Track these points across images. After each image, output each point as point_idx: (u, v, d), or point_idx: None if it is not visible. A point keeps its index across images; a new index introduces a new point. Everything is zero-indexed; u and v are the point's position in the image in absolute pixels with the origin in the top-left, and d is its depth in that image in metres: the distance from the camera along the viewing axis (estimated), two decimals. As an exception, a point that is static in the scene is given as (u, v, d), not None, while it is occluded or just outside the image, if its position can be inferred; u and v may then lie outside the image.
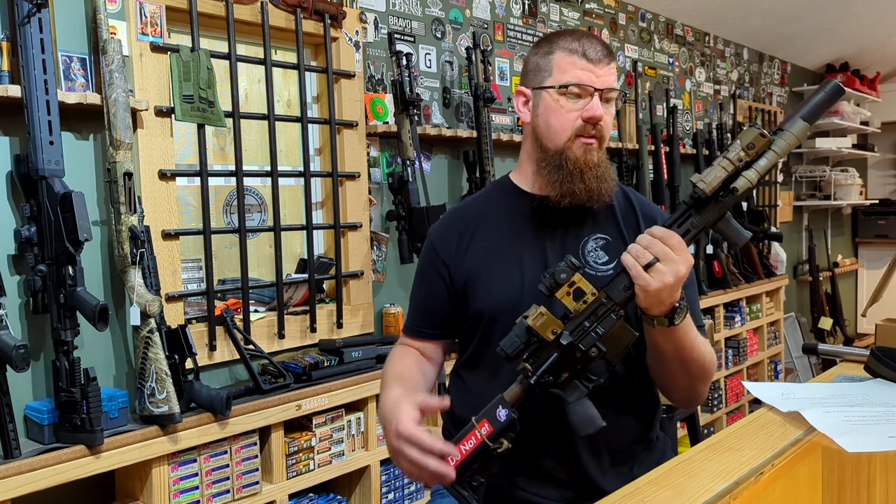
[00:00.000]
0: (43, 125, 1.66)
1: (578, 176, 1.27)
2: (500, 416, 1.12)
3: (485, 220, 1.38)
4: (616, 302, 1.12)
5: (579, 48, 1.27)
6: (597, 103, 1.26)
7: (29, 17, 1.64)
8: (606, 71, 1.27)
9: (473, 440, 1.12)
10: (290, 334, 2.30)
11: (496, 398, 1.14)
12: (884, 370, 1.39)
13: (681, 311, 1.13)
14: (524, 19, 3.21)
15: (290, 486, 2.09)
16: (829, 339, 5.35)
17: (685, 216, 1.13)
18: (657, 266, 1.08)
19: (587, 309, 1.12)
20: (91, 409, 1.65)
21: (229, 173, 2.21)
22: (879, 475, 1.06)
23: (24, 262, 1.71)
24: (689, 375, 1.23)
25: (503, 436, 1.12)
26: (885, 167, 6.49)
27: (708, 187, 1.10)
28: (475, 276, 1.32)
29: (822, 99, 1.12)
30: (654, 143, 3.77)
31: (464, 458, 1.12)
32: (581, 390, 1.13)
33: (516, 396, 1.14)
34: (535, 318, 1.11)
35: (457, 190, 2.88)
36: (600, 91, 1.26)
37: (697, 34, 4.43)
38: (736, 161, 1.09)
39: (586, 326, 1.12)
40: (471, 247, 1.35)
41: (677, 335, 1.16)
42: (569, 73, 1.27)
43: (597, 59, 1.27)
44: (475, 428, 1.13)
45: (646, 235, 1.11)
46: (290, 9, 2.29)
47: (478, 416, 1.14)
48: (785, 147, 1.09)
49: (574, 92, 1.26)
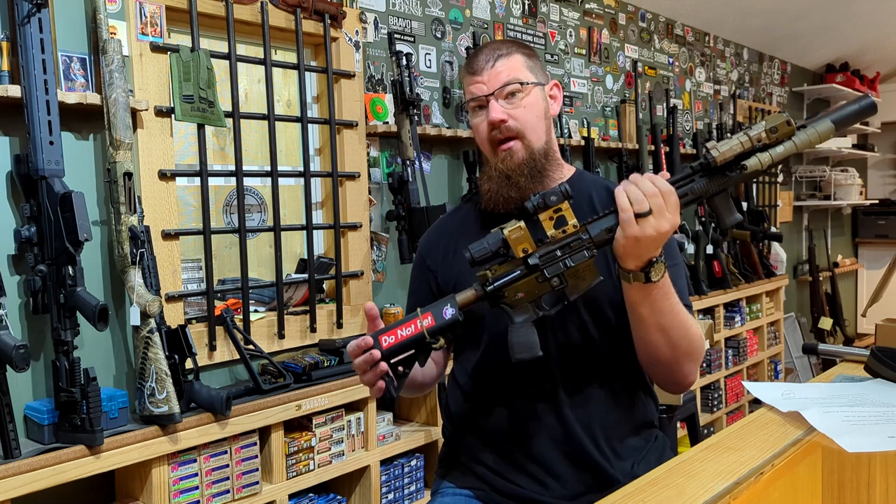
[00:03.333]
0: (43, 125, 1.66)
1: (504, 181, 1.31)
2: (446, 313, 1.13)
3: (467, 227, 1.41)
4: (594, 240, 1.12)
5: (469, 66, 1.34)
6: (493, 107, 1.29)
7: (29, 17, 1.64)
8: (493, 73, 1.30)
9: (413, 328, 1.13)
10: (290, 334, 2.30)
11: (447, 297, 1.15)
12: (884, 370, 1.39)
13: (657, 266, 1.11)
14: (524, 19, 3.21)
15: (290, 486, 2.09)
16: (829, 339, 5.35)
17: (688, 180, 1.13)
18: (648, 218, 1.07)
19: (564, 238, 1.12)
20: (91, 409, 1.65)
21: (229, 173, 2.21)
22: (879, 475, 1.06)
23: (24, 262, 1.72)
24: (671, 347, 1.20)
25: (443, 333, 1.13)
26: (885, 167, 6.49)
27: (721, 157, 1.09)
28: (462, 281, 1.33)
29: (855, 110, 1.11)
30: (654, 144, 3.77)
31: (398, 342, 1.12)
32: (530, 314, 1.14)
33: (468, 300, 1.15)
34: (513, 230, 1.11)
35: (457, 190, 2.88)
36: (493, 94, 1.29)
37: (697, 34, 4.43)
38: (755, 140, 1.08)
39: (557, 255, 1.12)
40: (456, 252, 1.39)
41: (654, 296, 1.15)
42: (467, 91, 1.34)
43: (480, 68, 1.31)
44: (418, 317, 1.13)
45: (648, 182, 1.09)
46: (290, 9, 2.29)
47: (424, 308, 1.14)
48: (806, 141, 1.08)
49: (475, 105, 1.32)
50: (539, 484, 1.30)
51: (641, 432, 1.36)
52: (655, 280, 1.12)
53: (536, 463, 1.30)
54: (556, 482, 1.29)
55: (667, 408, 2.41)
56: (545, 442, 1.29)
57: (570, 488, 1.28)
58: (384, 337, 1.13)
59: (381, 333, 1.13)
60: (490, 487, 1.34)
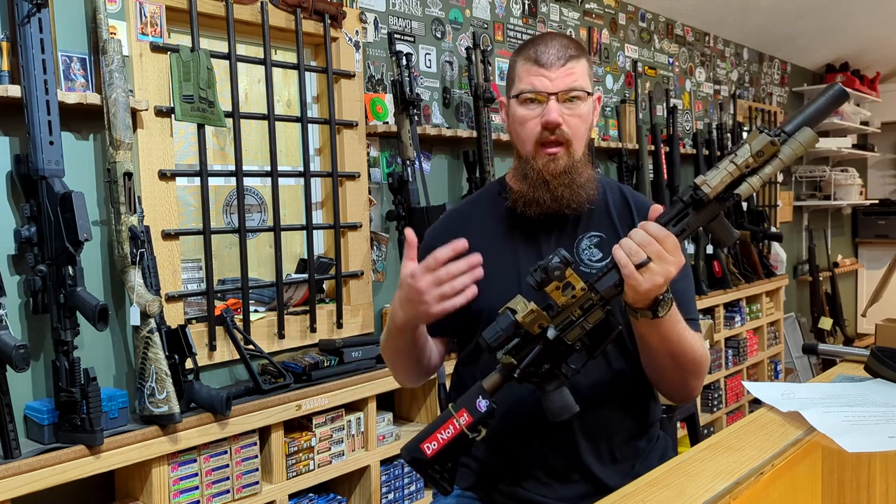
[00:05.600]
0: (43, 125, 1.66)
1: (543, 186, 1.28)
2: (480, 406, 1.13)
3: (480, 221, 1.39)
4: (604, 297, 1.12)
5: (533, 54, 1.27)
6: (552, 107, 1.25)
7: (29, 17, 1.64)
8: (562, 73, 1.26)
9: (452, 429, 1.13)
10: (290, 334, 2.30)
11: (475, 386, 1.15)
12: (884, 370, 1.39)
13: (664, 303, 1.12)
14: (524, 19, 3.21)
15: (290, 486, 2.09)
16: (829, 339, 5.35)
17: (682, 215, 1.11)
18: (650, 266, 1.07)
19: (575, 303, 1.11)
20: (91, 409, 1.65)
21: (229, 173, 2.21)
22: (879, 475, 1.06)
23: (24, 262, 1.71)
24: (679, 369, 1.23)
25: (482, 424, 1.13)
26: (885, 167, 6.49)
27: (712, 192, 1.08)
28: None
29: (827, 103, 1.10)
30: (654, 143, 3.77)
31: (442, 447, 1.13)
32: (560, 380, 1.14)
33: (495, 385, 1.15)
34: (525, 314, 1.11)
35: (457, 190, 2.88)
36: (556, 94, 1.26)
37: (697, 34, 4.43)
38: (743, 167, 1.07)
39: (573, 320, 1.12)
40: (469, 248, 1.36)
41: (663, 327, 1.15)
42: (524, 80, 1.28)
43: (549, 62, 1.26)
44: (454, 417, 1.14)
45: (641, 231, 1.09)
46: (290, 9, 2.29)
47: (456, 404, 1.15)
48: (791, 155, 1.07)
49: (529, 98, 1.27)
50: (541, 485, 1.29)
51: (645, 433, 1.36)
52: (662, 315, 1.12)
53: (538, 465, 1.30)
54: (558, 484, 1.29)
55: (667, 408, 2.40)
56: (547, 444, 1.29)
57: (571, 490, 1.28)
58: (426, 444, 1.14)
59: (421, 441, 1.14)
60: (491, 489, 1.34)
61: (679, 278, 1.22)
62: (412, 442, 1.17)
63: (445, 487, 1.16)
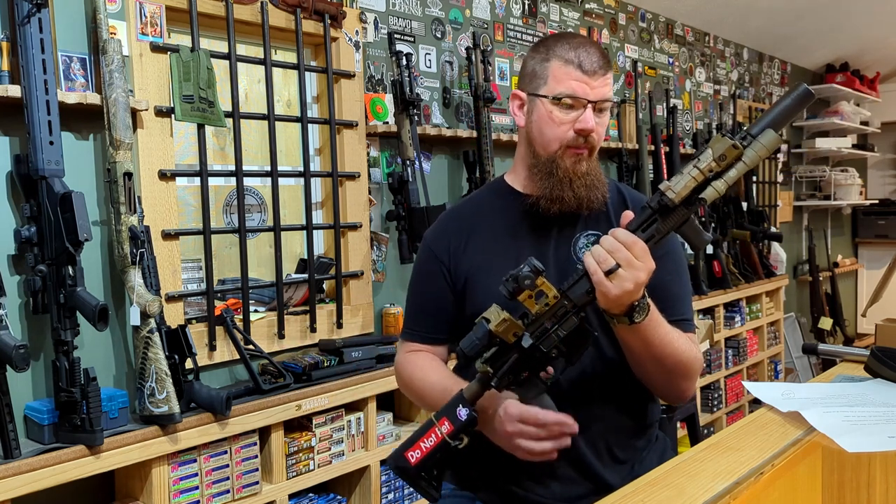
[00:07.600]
0: (43, 125, 1.66)
1: (568, 184, 1.29)
2: (460, 415, 1.14)
3: (480, 222, 1.39)
4: (577, 304, 1.12)
5: (575, 58, 1.27)
6: (589, 116, 1.26)
7: (29, 17, 1.64)
8: (601, 82, 1.27)
9: (434, 438, 1.15)
10: (290, 334, 2.30)
11: (455, 395, 1.17)
12: (884, 370, 1.39)
13: (640, 309, 1.12)
14: (524, 19, 3.21)
15: (290, 486, 2.09)
16: (829, 339, 5.35)
17: (650, 221, 1.12)
18: (619, 272, 1.07)
19: (549, 311, 1.12)
20: (91, 409, 1.65)
21: (229, 173, 2.21)
22: (879, 475, 1.06)
23: (24, 262, 1.71)
24: (664, 371, 1.23)
25: (463, 433, 1.14)
26: (885, 167, 6.49)
27: (677, 197, 1.09)
28: (473, 277, 1.33)
29: (791, 105, 1.09)
30: (654, 143, 3.77)
31: (424, 455, 1.15)
32: (539, 387, 1.15)
33: (475, 394, 1.16)
34: (498, 324, 1.11)
35: (457, 190, 2.88)
36: (593, 103, 1.27)
37: (697, 34, 4.43)
38: (706, 171, 1.08)
39: (547, 328, 1.12)
40: (468, 248, 1.37)
41: (644, 332, 1.16)
42: (563, 83, 1.27)
43: (592, 70, 1.26)
44: (435, 425, 1.15)
45: (610, 238, 1.09)
46: (290, 9, 2.29)
47: (437, 412, 1.16)
48: (755, 158, 1.07)
49: (567, 103, 1.27)
50: (539, 485, 1.29)
51: (643, 433, 1.36)
52: (639, 321, 1.13)
53: (537, 465, 1.30)
54: (557, 484, 1.29)
55: (667, 408, 2.40)
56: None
57: (570, 490, 1.28)
58: (410, 453, 1.15)
59: (405, 449, 1.16)
60: (490, 488, 1.34)
61: (671, 279, 1.22)
62: (397, 450, 1.18)
63: (433, 495, 1.17)
